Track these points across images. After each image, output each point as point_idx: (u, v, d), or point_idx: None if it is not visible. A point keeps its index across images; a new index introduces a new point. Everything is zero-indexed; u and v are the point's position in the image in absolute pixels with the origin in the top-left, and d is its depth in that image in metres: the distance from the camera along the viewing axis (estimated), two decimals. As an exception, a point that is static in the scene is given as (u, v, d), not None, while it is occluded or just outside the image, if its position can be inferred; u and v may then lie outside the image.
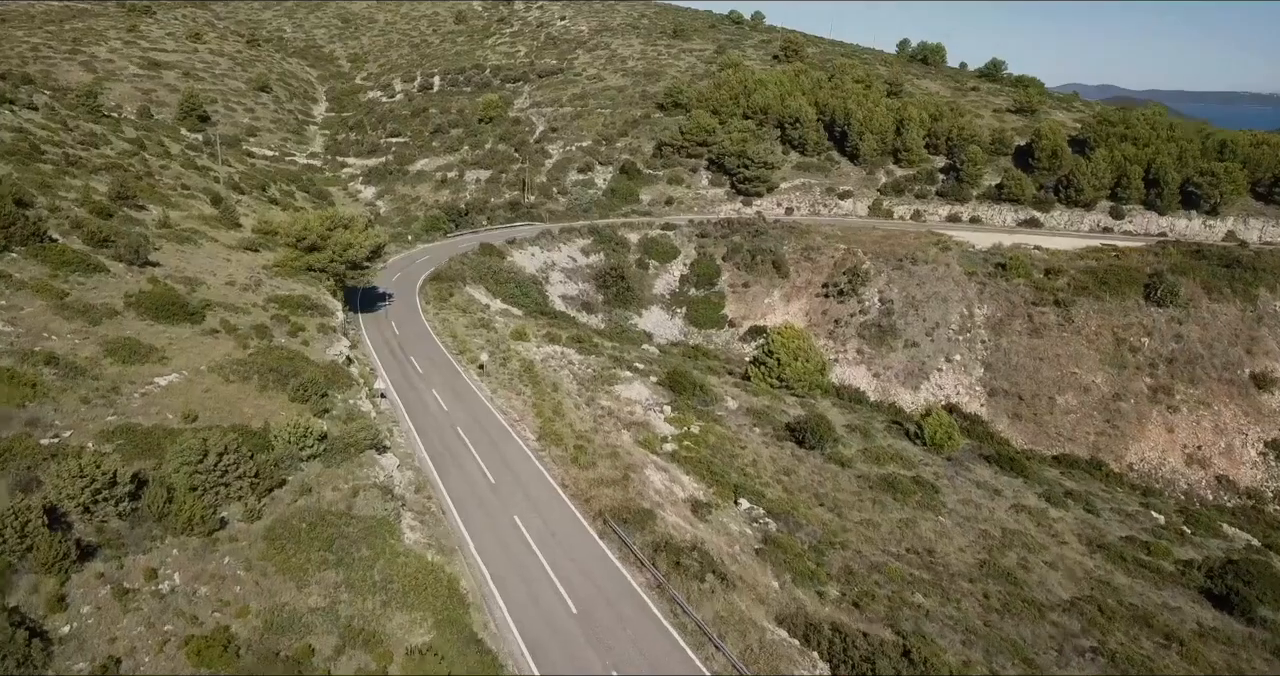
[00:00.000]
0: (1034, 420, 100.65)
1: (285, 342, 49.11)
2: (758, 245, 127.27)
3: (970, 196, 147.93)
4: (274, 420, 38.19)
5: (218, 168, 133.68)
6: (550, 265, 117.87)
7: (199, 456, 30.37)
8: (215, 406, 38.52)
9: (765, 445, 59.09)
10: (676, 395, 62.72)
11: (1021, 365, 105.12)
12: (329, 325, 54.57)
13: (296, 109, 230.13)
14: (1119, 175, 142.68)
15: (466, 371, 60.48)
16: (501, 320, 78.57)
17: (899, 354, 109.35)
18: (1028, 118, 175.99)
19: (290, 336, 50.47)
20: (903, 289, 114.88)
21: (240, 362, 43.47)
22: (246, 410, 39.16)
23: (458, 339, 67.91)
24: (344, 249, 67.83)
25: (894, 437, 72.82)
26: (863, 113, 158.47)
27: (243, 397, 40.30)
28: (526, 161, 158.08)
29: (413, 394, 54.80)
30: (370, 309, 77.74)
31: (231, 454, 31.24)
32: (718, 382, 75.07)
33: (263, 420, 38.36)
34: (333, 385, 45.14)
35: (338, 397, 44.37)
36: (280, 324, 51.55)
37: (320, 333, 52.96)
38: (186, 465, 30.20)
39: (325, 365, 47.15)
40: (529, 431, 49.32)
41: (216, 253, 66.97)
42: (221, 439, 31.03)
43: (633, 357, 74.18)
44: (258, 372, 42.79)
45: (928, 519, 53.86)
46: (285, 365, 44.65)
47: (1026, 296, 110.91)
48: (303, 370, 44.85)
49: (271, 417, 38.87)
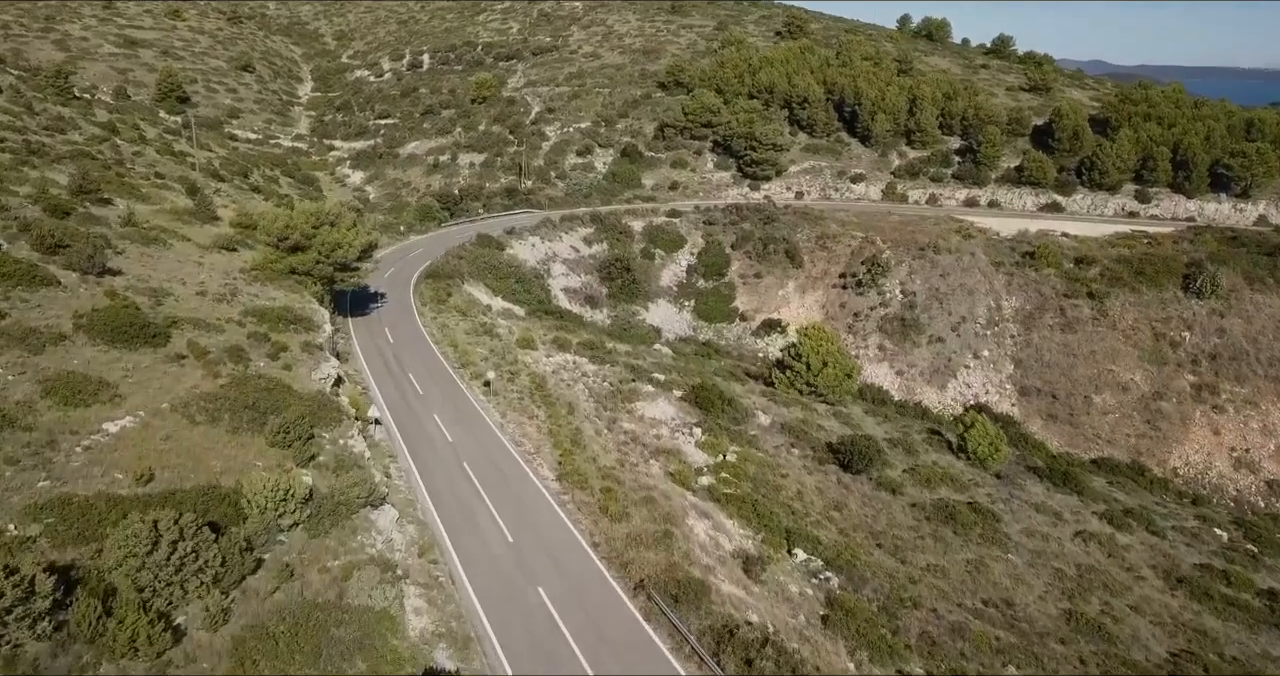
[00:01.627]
0: (1069, 421, 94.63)
1: (264, 368, 42.37)
2: (769, 233, 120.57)
3: (988, 179, 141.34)
4: (248, 476, 31.61)
5: (196, 153, 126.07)
6: (551, 256, 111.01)
7: (148, 547, 23.79)
8: (176, 460, 31.88)
9: (808, 471, 52.78)
10: (704, 413, 56.29)
11: (1054, 362, 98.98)
12: (314, 343, 47.78)
13: (281, 89, 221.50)
14: (1144, 157, 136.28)
15: (470, 389, 53.87)
16: (505, 324, 71.88)
17: (923, 350, 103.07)
18: (1043, 96, 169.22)
19: (270, 359, 43.72)
20: (925, 280, 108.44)
21: (210, 398, 36.77)
22: (214, 463, 32.51)
23: (459, 348, 61.21)
24: (331, 249, 60.89)
25: (936, 451, 66.72)
26: (874, 92, 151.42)
27: (211, 446, 33.65)
28: (523, 144, 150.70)
29: (412, 420, 48.19)
30: (361, 311, 70.96)
31: (190, 539, 24.66)
32: (743, 391, 68.67)
33: (235, 476, 31.75)
34: (320, 421, 38.49)
35: (325, 437, 37.73)
36: (259, 344, 44.77)
37: (305, 352, 46.21)
38: (131, 559, 23.62)
39: (311, 396, 40.45)
40: (547, 468, 42.79)
41: (188, 254, 60.02)
42: (176, 523, 24.41)
43: (649, 365, 67.68)
44: (230, 410, 36.11)
45: (996, 558, 47.69)
46: (263, 398, 37.97)
47: (1057, 288, 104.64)
48: (284, 404, 38.19)
49: (245, 471, 32.27)
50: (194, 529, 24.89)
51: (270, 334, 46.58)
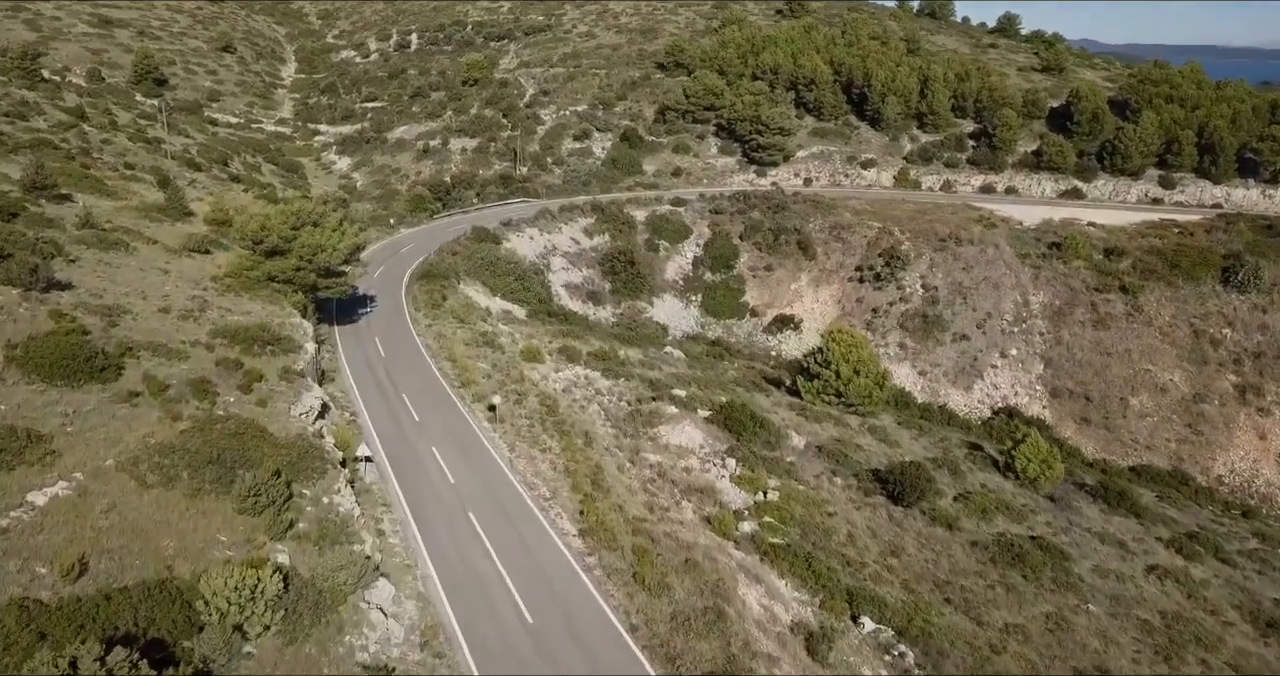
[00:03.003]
0: (1105, 425, 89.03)
1: (235, 404, 36.13)
2: (780, 222, 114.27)
3: (1005, 164, 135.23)
4: (208, 560, 25.51)
5: (171, 139, 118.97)
6: (551, 249, 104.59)
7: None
8: (119, 541, 25.70)
9: (855, 505, 46.92)
10: (735, 436, 50.33)
11: (1087, 361, 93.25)
12: (294, 368, 41.44)
13: (263, 70, 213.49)
14: (1168, 140, 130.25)
15: (473, 413, 47.72)
16: (506, 330, 65.65)
17: (947, 348, 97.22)
18: (1055, 77, 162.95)
19: (242, 392, 37.44)
20: (947, 273, 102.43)
21: (166, 450, 30.54)
22: (167, 543, 26.33)
23: (458, 363, 54.99)
24: (313, 253, 54.47)
25: (982, 470, 61.03)
26: (884, 72, 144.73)
27: (164, 517, 27.47)
28: (517, 128, 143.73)
29: (408, 455, 42.04)
30: (349, 317, 64.59)
31: (122, 681, 18.57)
32: (769, 405, 62.72)
33: (192, 561, 25.62)
34: (300, 473, 32.35)
35: (307, 495, 31.59)
36: (229, 373, 38.45)
37: (284, 381, 39.92)
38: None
39: (289, 440, 34.23)
40: (566, 518, 36.72)
41: (153, 260, 53.54)
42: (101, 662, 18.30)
43: (666, 377, 61.64)
44: (190, 466, 29.90)
45: (1075, 608, 41.98)
46: (232, 447, 31.78)
47: (1088, 281, 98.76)
48: (257, 454, 32.01)
49: (205, 551, 26.17)
50: (127, 667, 18.75)
51: (243, 359, 40.28)
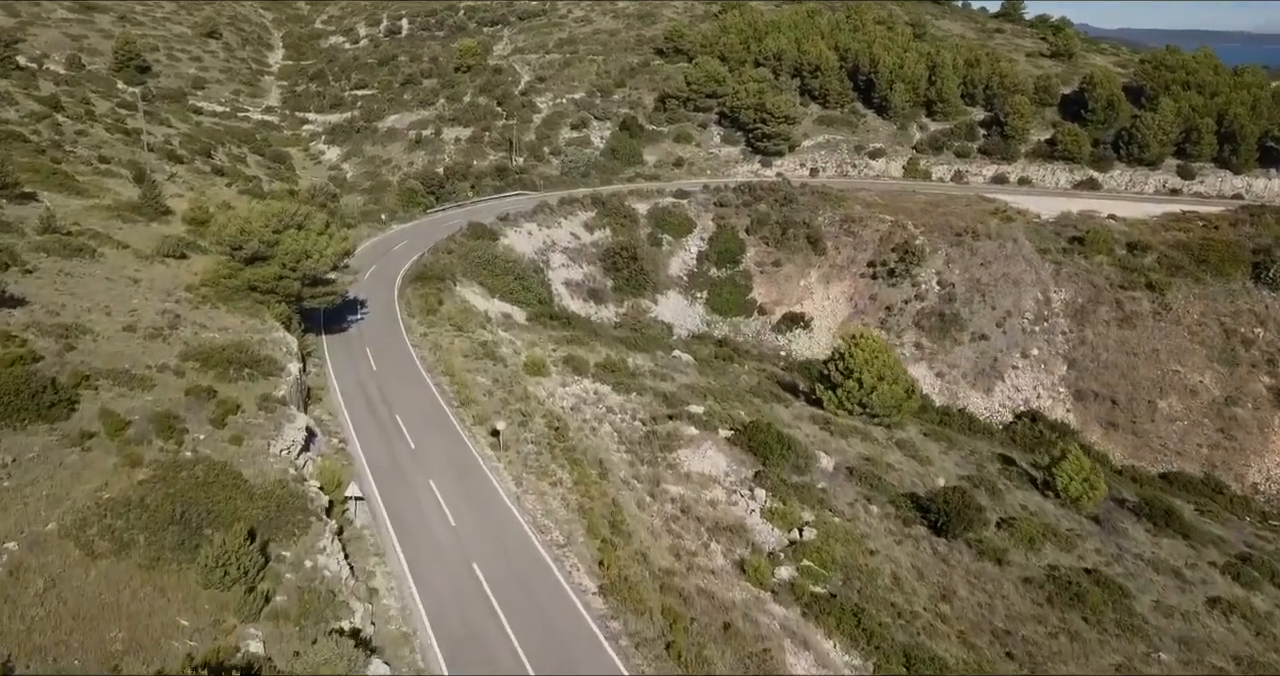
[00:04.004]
0: (1132, 430, 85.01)
1: (205, 443, 31.70)
2: (788, 215, 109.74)
3: (1018, 154, 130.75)
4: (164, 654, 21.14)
5: (152, 130, 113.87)
6: (550, 245, 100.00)
7: None
8: (55, 634, 21.31)
9: (895, 539, 42.72)
10: (760, 460, 46.04)
11: (1112, 362, 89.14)
12: (275, 395, 36.97)
13: (250, 57, 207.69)
14: (1186, 129, 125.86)
15: (474, 439, 43.31)
16: (506, 337, 61.20)
17: (966, 348, 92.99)
18: (1065, 63, 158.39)
19: (215, 427, 32.99)
20: (964, 270, 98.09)
21: (121, 507, 26.12)
22: (115, 634, 21.94)
23: (456, 378, 50.54)
24: (298, 259, 49.86)
25: (1020, 488, 57.01)
26: (891, 58, 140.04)
27: (114, 597, 23.08)
28: (513, 117, 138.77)
29: (404, 492, 37.60)
30: (338, 325, 60.03)
31: None
32: (790, 418, 58.50)
33: (144, 660, 21.24)
34: (278, 530, 27.98)
35: (286, 557, 27.22)
36: (200, 405, 33.98)
37: (263, 411, 35.47)
38: None
39: (268, 487, 29.82)
40: (584, 570, 32.39)
41: (122, 268, 48.95)
42: None
43: (679, 389, 57.32)
44: (148, 529, 25.50)
45: (1145, 657, 37.93)
46: (199, 500, 27.39)
47: (1111, 278, 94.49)
48: (228, 507, 27.62)
49: (161, 646, 21.80)
50: None
51: (217, 386, 35.81)
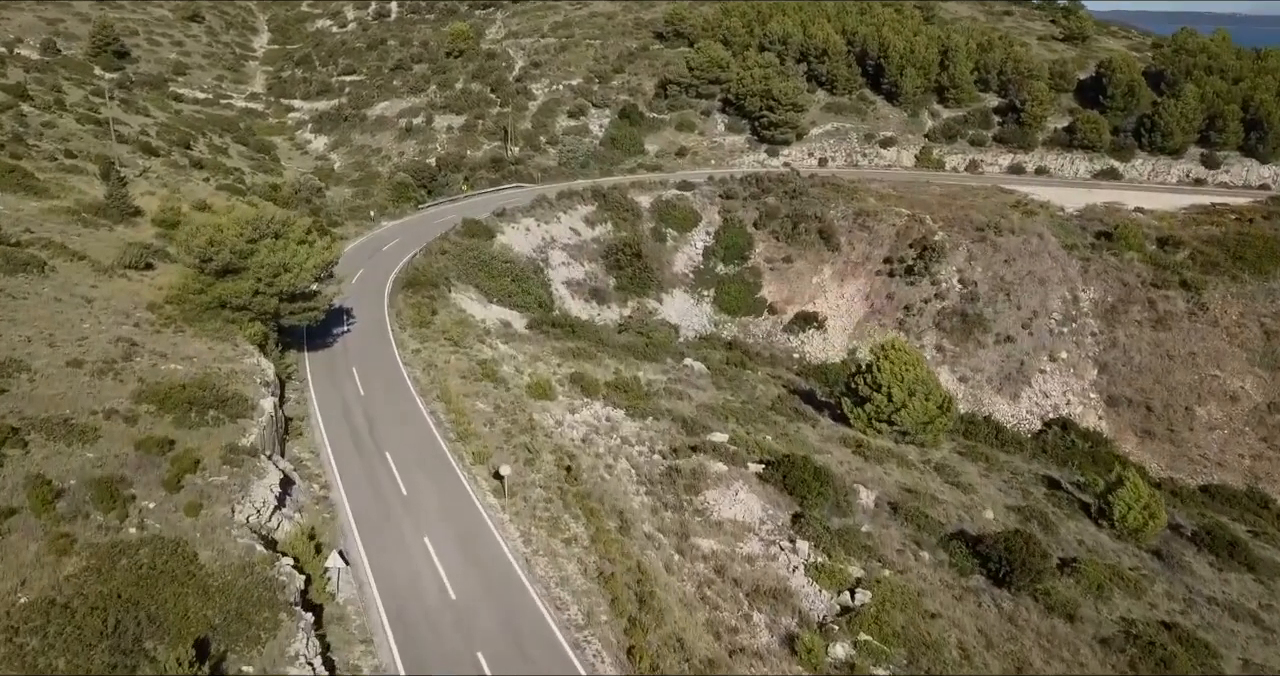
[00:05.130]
0: (1169, 439, 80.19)
1: (155, 513, 26.41)
2: (799, 209, 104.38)
3: (1035, 142, 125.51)
4: None
5: (129, 118, 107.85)
6: (549, 242, 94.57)
7: None
8: None
9: (953, 593, 37.72)
10: (798, 500, 40.96)
11: (1146, 365, 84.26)
12: (243, 445, 31.67)
13: (233, 41, 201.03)
14: (1210, 116, 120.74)
15: (475, 482, 38.09)
16: (508, 353, 55.88)
17: (990, 351, 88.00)
18: (1079, 47, 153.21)
19: (169, 491, 27.69)
20: (987, 267, 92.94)
21: (38, 618, 20.81)
22: None
23: (453, 405, 45.22)
24: (275, 273, 44.41)
25: (1071, 517, 51.93)
26: (901, 42, 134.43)
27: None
28: (507, 105, 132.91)
29: (396, 555, 32.31)
30: (322, 340, 54.65)
31: None
32: (819, 441, 53.45)
33: None
34: (239, 636, 22.73)
35: (249, 673, 22.02)
36: (152, 461, 28.65)
37: (228, 465, 30.14)
38: None
39: (229, 576, 24.53)
40: (609, 661, 27.23)
41: (75, 284, 43.45)
42: None
43: (696, 409, 52.23)
44: (70, 650, 20.17)
45: (1249, 738, 33.14)
46: (140, 602, 22.11)
47: (1143, 276, 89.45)
48: (177, 610, 22.37)
49: None
50: None
51: (175, 435, 30.52)
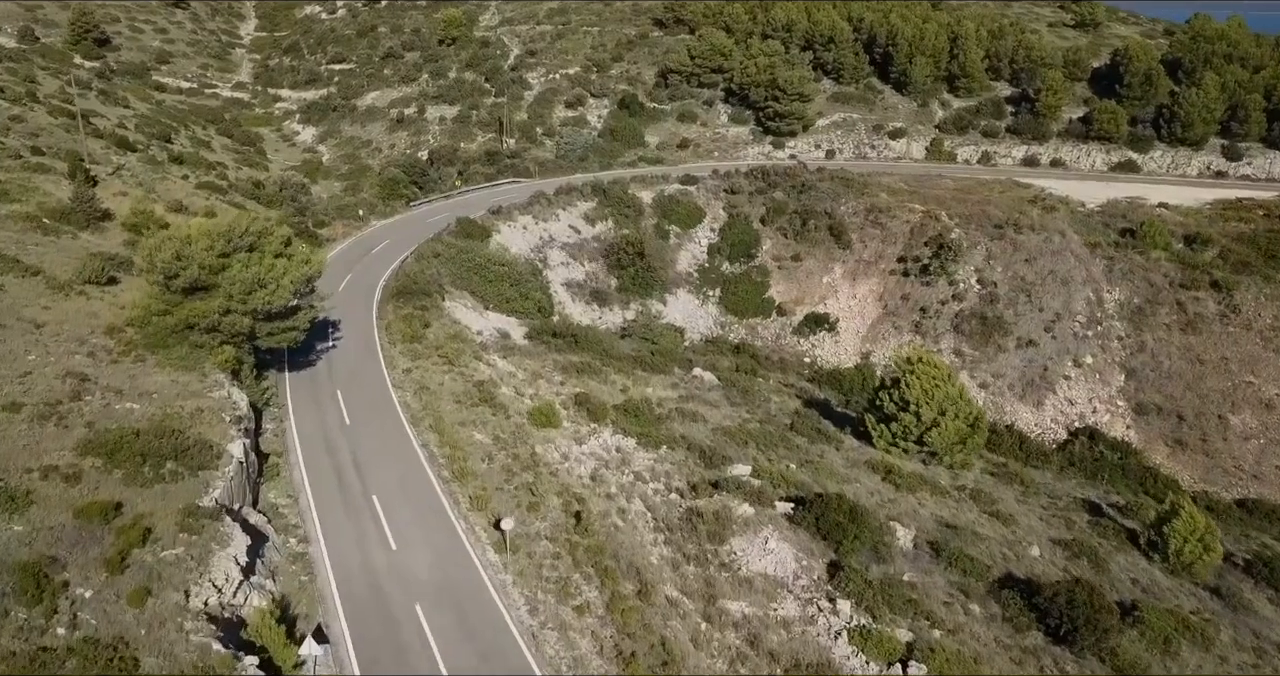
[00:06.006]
0: (1202, 449, 76.17)
1: (92, 605, 22.09)
2: (807, 204, 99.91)
3: (1050, 133, 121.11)
4: None
5: (107, 110, 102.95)
6: (547, 240, 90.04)
7: None
8: None
9: (1011, 656, 33.55)
10: (834, 546, 36.78)
11: (1176, 371, 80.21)
12: (204, 505, 27.28)
13: (219, 28, 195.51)
14: (1231, 105, 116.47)
15: (472, 534, 33.76)
16: (507, 370, 51.51)
17: (1011, 356, 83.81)
18: (1091, 34, 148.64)
19: (110, 571, 23.31)
20: (1007, 266, 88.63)
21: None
22: None
23: (447, 437, 40.83)
24: (248, 291, 39.93)
25: (1119, 548, 47.87)
26: (910, 29, 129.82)
27: None
28: (502, 95, 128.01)
29: (383, 629, 28.06)
30: (304, 357, 50.16)
31: None
32: (845, 467, 49.27)
33: None
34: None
35: None
36: (93, 534, 24.25)
37: (185, 534, 25.76)
38: None
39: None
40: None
41: (24, 305, 38.96)
42: None
43: (714, 434, 48.02)
44: None
45: None
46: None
47: (1171, 276, 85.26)
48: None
49: None
50: None
51: (124, 496, 26.20)
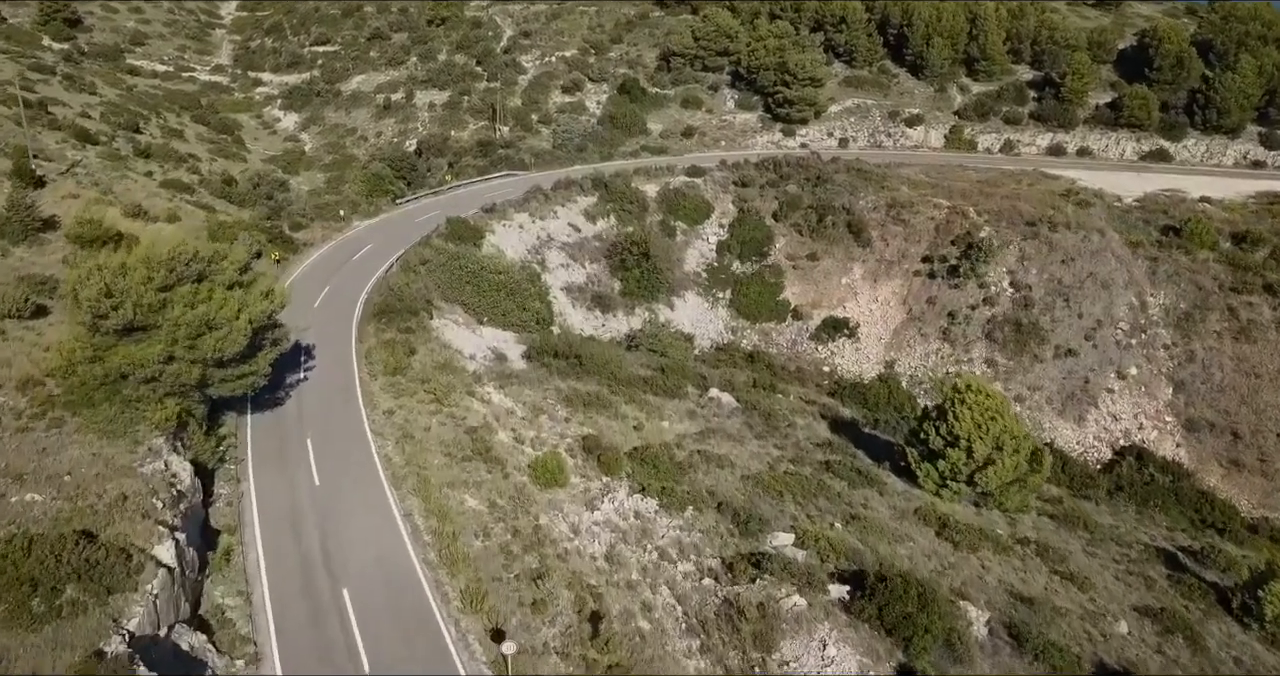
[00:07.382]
0: (1260, 470, 70.02)
1: None
2: (823, 198, 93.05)
3: (1076, 120, 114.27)
4: None
5: (71, 98, 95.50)
6: (545, 241, 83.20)
7: None
8: None
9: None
10: (902, 643, 30.47)
11: (1229, 384, 73.98)
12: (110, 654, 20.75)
13: (198, 8, 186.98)
14: (1268, 90, 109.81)
15: (466, 649, 27.26)
16: (505, 407, 44.93)
17: (1049, 366, 77.47)
18: (1113, 13, 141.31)
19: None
20: (1042, 268, 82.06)
21: None
22: None
23: (434, 504, 34.22)
24: (196, 333, 33.20)
25: (1209, 615, 41.68)
26: (927, 9, 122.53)
27: None
28: (496, 79, 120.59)
29: None
30: (270, 395, 43.11)
31: None
32: (894, 519, 42.89)
33: None
34: None
35: None
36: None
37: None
38: None
39: None
40: None
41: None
42: None
43: (746, 485, 41.62)
44: None
45: None
46: None
47: (1220, 278, 78.93)
48: None
49: None
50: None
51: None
